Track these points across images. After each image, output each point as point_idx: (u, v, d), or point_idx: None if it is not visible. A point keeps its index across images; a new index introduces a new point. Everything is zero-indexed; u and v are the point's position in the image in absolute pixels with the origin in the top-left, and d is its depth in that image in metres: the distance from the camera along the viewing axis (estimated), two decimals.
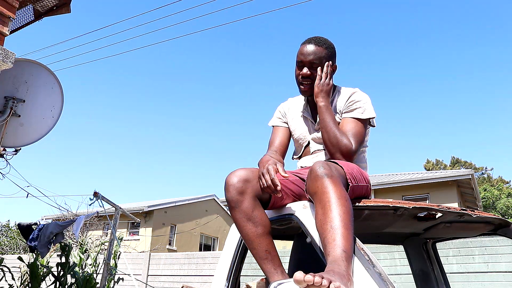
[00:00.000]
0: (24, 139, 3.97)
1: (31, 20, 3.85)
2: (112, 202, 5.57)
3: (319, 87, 1.71)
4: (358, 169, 1.54)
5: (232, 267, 1.66)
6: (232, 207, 1.46)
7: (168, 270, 9.39)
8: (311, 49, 1.73)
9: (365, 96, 1.76)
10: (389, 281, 1.12)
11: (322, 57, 1.73)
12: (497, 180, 31.21)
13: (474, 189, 14.23)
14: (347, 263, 1.09)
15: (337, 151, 1.60)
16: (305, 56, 1.73)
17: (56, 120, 4.07)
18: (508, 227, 1.77)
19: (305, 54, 1.73)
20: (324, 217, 1.19)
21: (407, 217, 1.60)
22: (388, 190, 14.06)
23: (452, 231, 1.92)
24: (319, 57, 1.72)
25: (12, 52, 2.78)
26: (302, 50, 1.74)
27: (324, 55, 1.73)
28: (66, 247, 5.59)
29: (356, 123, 1.68)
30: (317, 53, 1.72)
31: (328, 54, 1.75)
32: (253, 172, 1.50)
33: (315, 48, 1.73)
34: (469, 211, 1.58)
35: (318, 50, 1.73)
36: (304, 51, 1.74)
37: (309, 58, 1.72)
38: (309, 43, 1.74)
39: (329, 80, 1.72)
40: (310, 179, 1.32)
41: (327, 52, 1.75)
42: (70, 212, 11.88)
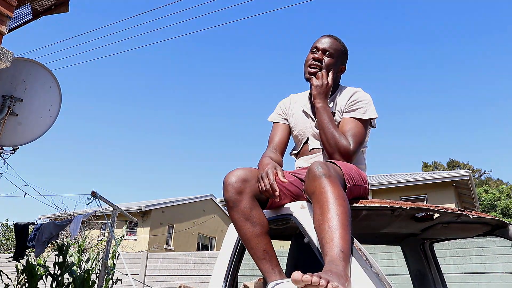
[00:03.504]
0: (21, 138, 3.95)
1: (29, 19, 3.84)
2: (110, 201, 5.56)
3: (317, 88, 1.72)
4: (356, 169, 1.54)
5: (230, 267, 1.66)
6: (230, 207, 1.46)
7: (166, 270, 9.38)
8: (328, 40, 1.81)
9: (367, 96, 1.75)
10: (386, 282, 1.12)
11: (336, 49, 1.80)
12: (495, 182, 31.33)
13: (471, 190, 14.25)
14: (344, 263, 1.09)
15: (335, 151, 1.60)
16: (322, 43, 1.80)
17: (54, 119, 4.06)
18: (505, 228, 1.77)
19: (322, 42, 1.81)
20: (322, 217, 1.19)
21: (405, 217, 1.60)
22: (386, 191, 14.06)
23: (449, 232, 1.93)
24: (334, 48, 1.80)
25: (10, 51, 2.77)
26: (320, 39, 1.82)
27: (339, 49, 1.81)
28: (64, 247, 5.58)
29: (357, 123, 1.68)
30: (332, 45, 1.80)
31: (342, 50, 1.83)
32: (251, 172, 1.50)
33: (332, 40, 1.81)
34: (466, 211, 1.59)
35: (334, 43, 1.81)
36: (322, 39, 1.82)
37: (325, 46, 1.79)
38: (328, 36, 1.83)
39: (328, 81, 1.73)
40: (308, 179, 1.32)
41: (342, 48, 1.83)
42: (67, 212, 11.85)
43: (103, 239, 8.84)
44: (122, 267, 6.96)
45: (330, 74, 1.75)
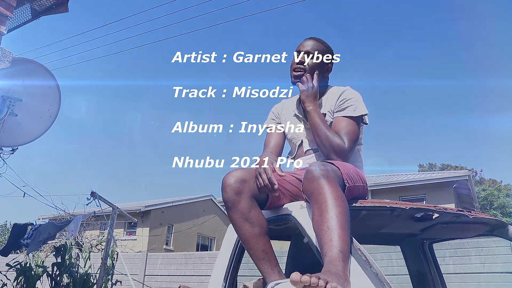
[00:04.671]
0: (21, 138, 3.95)
1: (29, 19, 3.84)
2: (109, 202, 5.56)
3: (304, 92, 1.75)
4: (354, 169, 1.54)
5: (229, 267, 1.66)
6: (229, 207, 1.46)
7: (165, 270, 9.38)
8: (310, 42, 1.84)
9: (356, 93, 1.76)
10: (386, 282, 1.12)
11: (319, 50, 1.82)
12: (488, 181, 31.40)
13: (470, 190, 14.26)
14: (344, 263, 1.09)
15: (330, 152, 1.60)
16: (304, 46, 1.84)
17: (53, 120, 4.06)
18: (504, 228, 1.78)
19: (304, 45, 1.84)
20: (321, 218, 1.19)
21: (404, 217, 1.60)
22: (385, 191, 14.06)
23: (448, 232, 1.93)
24: (316, 49, 1.82)
25: (9, 51, 2.77)
26: (303, 42, 1.86)
27: (321, 50, 1.83)
28: (62, 247, 5.57)
29: (349, 122, 1.68)
30: (314, 47, 1.83)
31: (326, 50, 1.84)
32: (250, 172, 1.50)
33: (314, 42, 1.85)
34: (465, 212, 1.59)
35: (316, 44, 1.84)
36: (304, 43, 1.85)
37: (307, 48, 1.82)
38: (310, 38, 1.87)
39: (313, 84, 1.75)
40: (306, 180, 1.32)
41: (325, 48, 1.84)
42: (66, 212, 11.84)
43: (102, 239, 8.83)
44: (121, 267, 6.95)
45: (315, 76, 1.77)
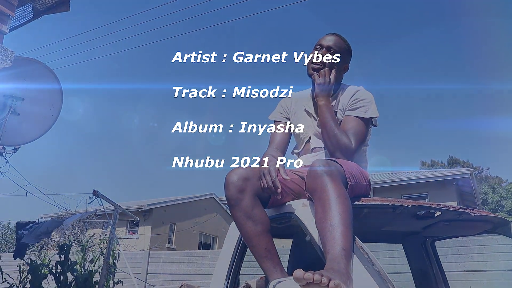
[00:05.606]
0: (23, 137, 3.96)
1: (30, 18, 3.84)
2: (112, 200, 5.56)
3: (319, 86, 1.72)
4: (357, 167, 1.54)
5: (231, 265, 1.66)
6: (232, 205, 1.46)
7: (167, 269, 9.40)
8: (333, 38, 1.82)
9: (369, 95, 1.75)
10: (388, 279, 1.12)
11: (341, 48, 1.80)
12: (494, 179, 31.36)
13: (473, 187, 14.24)
14: (346, 261, 1.09)
15: (336, 149, 1.60)
16: (326, 41, 1.81)
17: (55, 119, 4.06)
18: (507, 226, 1.77)
19: (327, 40, 1.81)
20: (324, 216, 1.19)
21: (406, 215, 1.60)
22: (388, 189, 14.05)
23: (451, 230, 1.92)
24: (338, 46, 1.80)
25: (11, 50, 2.78)
26: (325, 37, 1.84)
27: (343, 48, 1.81)
28: (65, 246, 5.58)
29: (358, 122, 1.68)
30: (337, 43, 1.81)
31: (347, 49, 1.83)
32: (253, 170, 1.50)
33: (337, 39, 1.82)
34: (468, 209, 1.59)
35: (339, 41, 1.82)
36: (327, 37, 1.83)
37: (329, 43, 1.80)
38: (333, 34, 1.84)
39: (331, 79, 1.73)
40: (309, 177, 1.32)
41: (346, 47, 1.83)
42: (69, 211, 11.87)
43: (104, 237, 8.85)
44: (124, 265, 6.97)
45: (333, 72, 1.75)
